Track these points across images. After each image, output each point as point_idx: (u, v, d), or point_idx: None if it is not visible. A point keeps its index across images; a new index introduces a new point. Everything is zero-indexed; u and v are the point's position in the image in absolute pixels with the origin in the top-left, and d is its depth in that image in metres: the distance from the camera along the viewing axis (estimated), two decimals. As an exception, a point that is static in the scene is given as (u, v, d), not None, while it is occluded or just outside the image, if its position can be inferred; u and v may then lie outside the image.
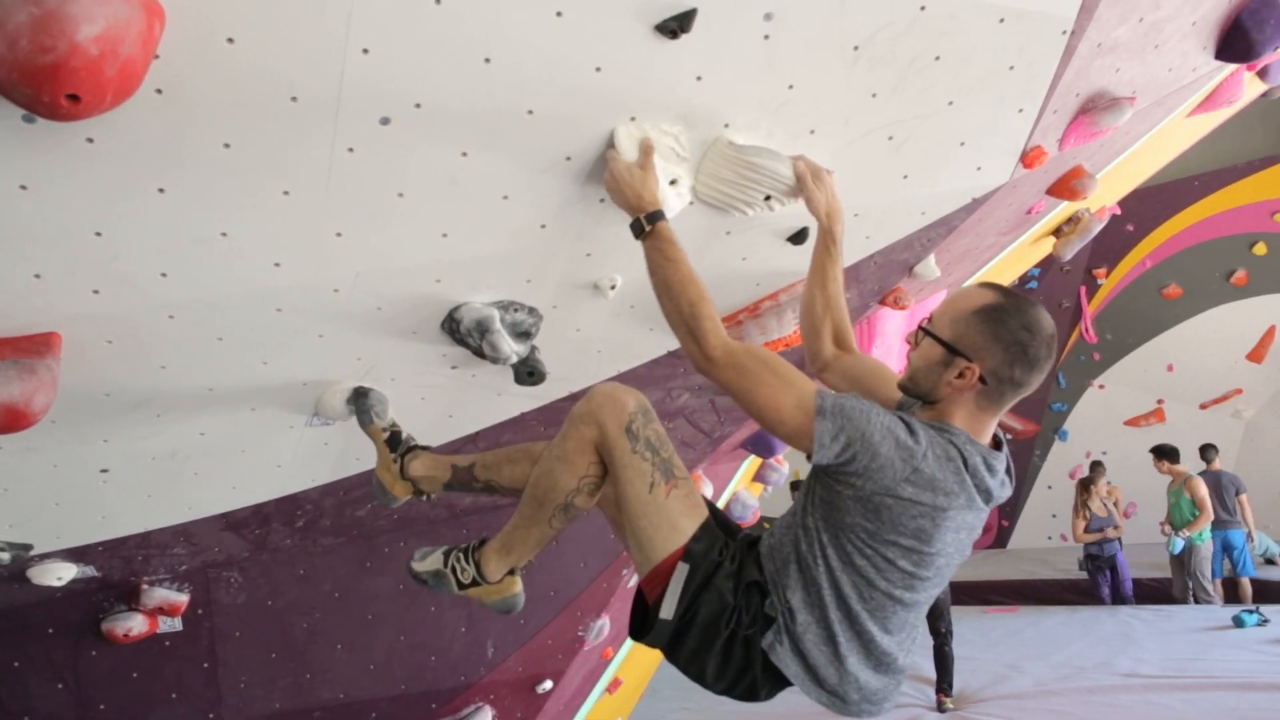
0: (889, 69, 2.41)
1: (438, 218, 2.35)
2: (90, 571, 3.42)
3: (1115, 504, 11.88)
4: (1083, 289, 16.14)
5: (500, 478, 2.51)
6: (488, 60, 2.03)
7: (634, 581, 4.06)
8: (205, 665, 3.65)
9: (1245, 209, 15.08)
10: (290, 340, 2.58)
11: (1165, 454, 11.21)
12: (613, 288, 2.76)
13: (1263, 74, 4.11)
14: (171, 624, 3.62)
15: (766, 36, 2.21)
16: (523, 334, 2.73)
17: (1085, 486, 11.56)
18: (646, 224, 2.23)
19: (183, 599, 3.58)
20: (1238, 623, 9.31)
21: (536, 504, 2.35)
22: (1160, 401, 16.03)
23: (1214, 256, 15.12)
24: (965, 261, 3.93)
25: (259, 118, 1.98)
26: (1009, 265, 4.92)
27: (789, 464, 5.79)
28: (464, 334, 2.63)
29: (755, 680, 2.16)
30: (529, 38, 2.02)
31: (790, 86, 2.35)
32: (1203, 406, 15.65)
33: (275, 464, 3.16)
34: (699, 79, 2.24)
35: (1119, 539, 11.38)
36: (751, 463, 5.00)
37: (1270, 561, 12.37)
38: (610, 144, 2.29)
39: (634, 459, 2.16)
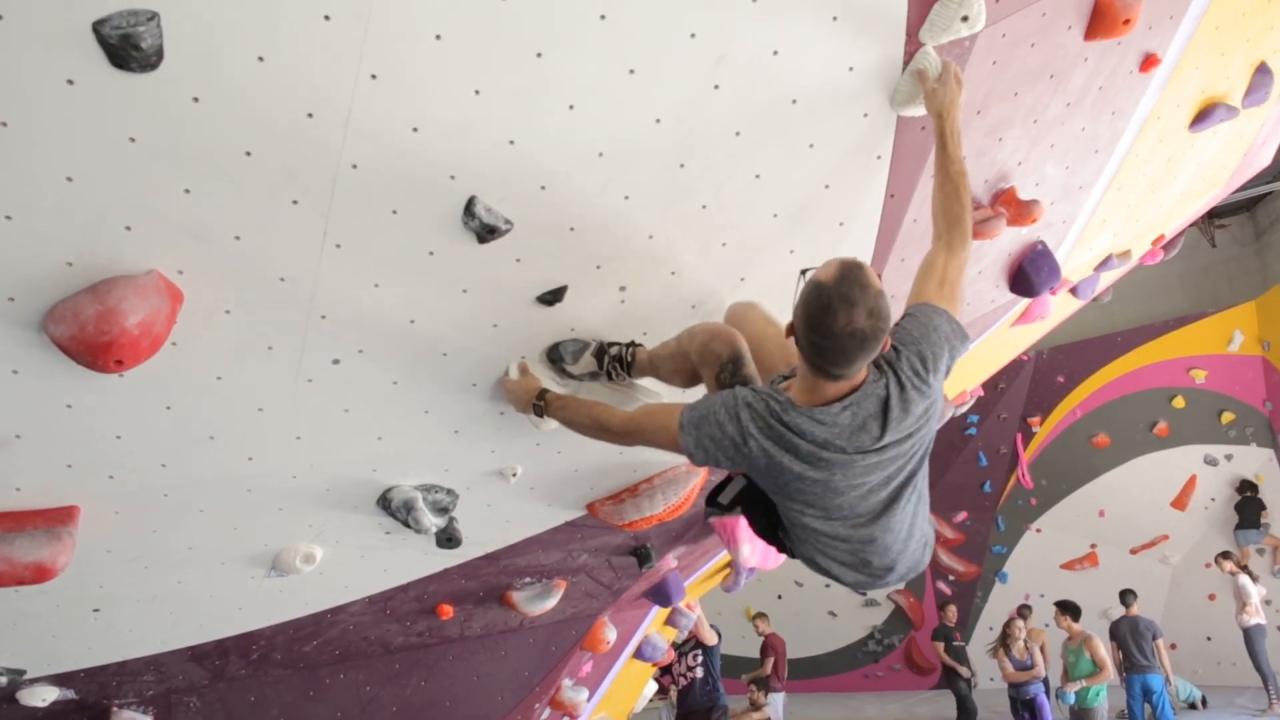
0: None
1: (374, 426, 3.11)
2: (70, 694, 4.00)
3: (1041, 648, 12.26)
4: (1019, 436, 16.94)
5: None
6: (412, 321, 2.83)
7: None
8: (163, 781, 4.21)
9: (1164, 364, 16.07)
10: (257, 512, 3.29)
11: (1068, 610, 11.22)
12: (514, 475, 3.51)
13: (1074, 292, 5.02)
14: (136, 743, 4.19)
15: (622, 301, 3.03)
16: (442, 510, 3.46)
17: (1004, 631, 12.01)
18: (540, 401, 2.98)
19: (147, 720, 4.17)
20: (1152, 766, 9.67)
21: (680, 361, 2.95)
22: (1093, 546, 16.63)
23: (1138, 408, 16.02)
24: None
25: (244, 362, 2.75)
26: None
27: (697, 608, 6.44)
28: (394, 510, 3.36)
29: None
30: (442, 307, 2.82)
31: (644, 333, 3.15)
32: (1133, 551, 16.24)
33: (237, 607, 3.82)
34: (572, 330, 3.05)
35: (1044, 681, 11.73)
36: (660, 611, 5.65)
37: (1193, 706, 12.80)
38: (505, 374, 3.08)
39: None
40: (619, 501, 3.84)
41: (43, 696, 3.92)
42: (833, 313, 2.23)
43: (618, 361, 3.09)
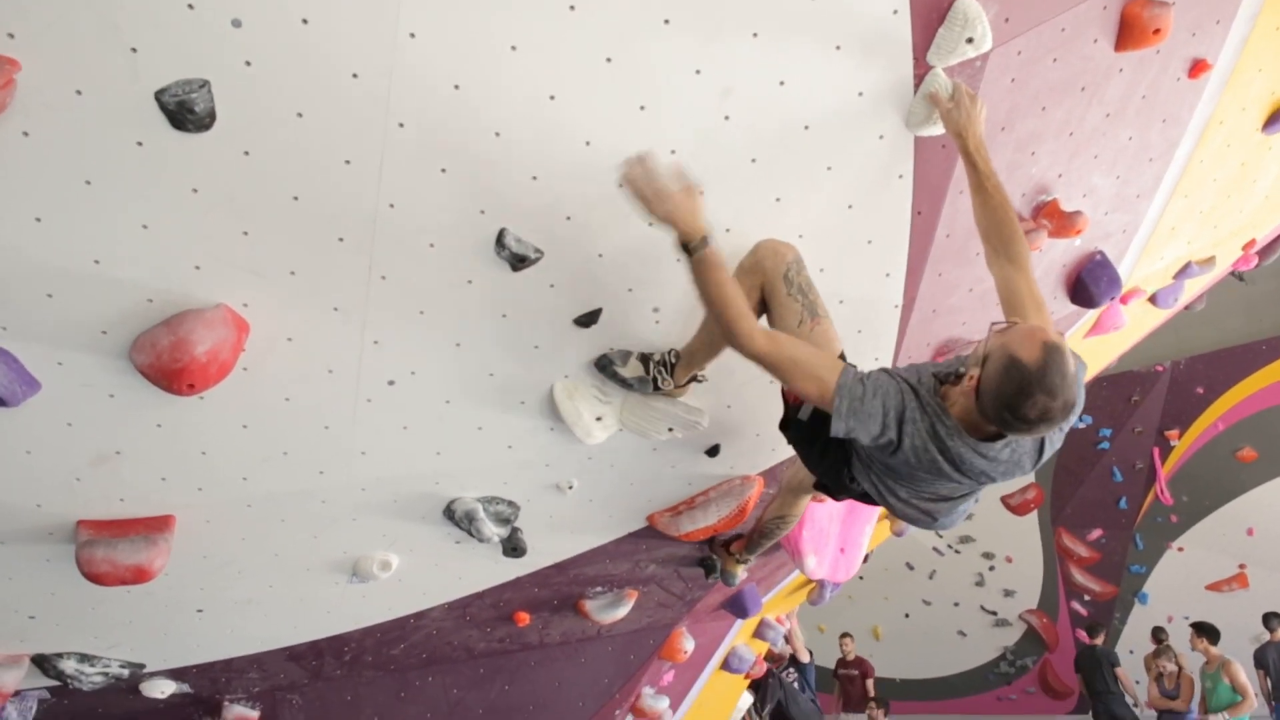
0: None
1: (432, 442, 3.36)
2: (185, 688, 4.40)
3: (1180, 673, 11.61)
4: (1155, 451, 16.17)
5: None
6: (458, 345, 3.07)
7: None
8: (267, 772, 4.57)
9: (1316, 373, 15.16)
10: (333, 523, 3.59)
11: (1205, 631, 10.59)
12: (570, 488, 3.70)
13: (1154, 300, 4.90)
14: (244, 735, 4.57)
15: (657, 322, 3.20)
16: (504, 520, 3.69)
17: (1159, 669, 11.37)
18: (702, 246, 2.60)
19: (254, 715, 4.53)
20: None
21: (715, 335, 2.98)
22: (1242, 566, 15.75)
23: (1287, 421, 15.15)
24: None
25: (308, 384, 3.04)
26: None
27: (788, 622, 6.50)
28: (458, 520, 3.60)
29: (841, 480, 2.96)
30: (484, 331, 3.05)
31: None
32: (1288, 573, 15.35)
33: (326, 610, 4.14)
34: (610, 348, 3.23)
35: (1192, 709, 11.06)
36: (746, 623, 5.75)
37: (1348, 741, 11.96)
38: (551, 395, 3.28)
39: (788, 300, 2.83)
40: (676, 513, 3.99)
41: (161, 689, 4.33)
42: (1032, 400, 2.30)
43: (662, 365, 3.20)
